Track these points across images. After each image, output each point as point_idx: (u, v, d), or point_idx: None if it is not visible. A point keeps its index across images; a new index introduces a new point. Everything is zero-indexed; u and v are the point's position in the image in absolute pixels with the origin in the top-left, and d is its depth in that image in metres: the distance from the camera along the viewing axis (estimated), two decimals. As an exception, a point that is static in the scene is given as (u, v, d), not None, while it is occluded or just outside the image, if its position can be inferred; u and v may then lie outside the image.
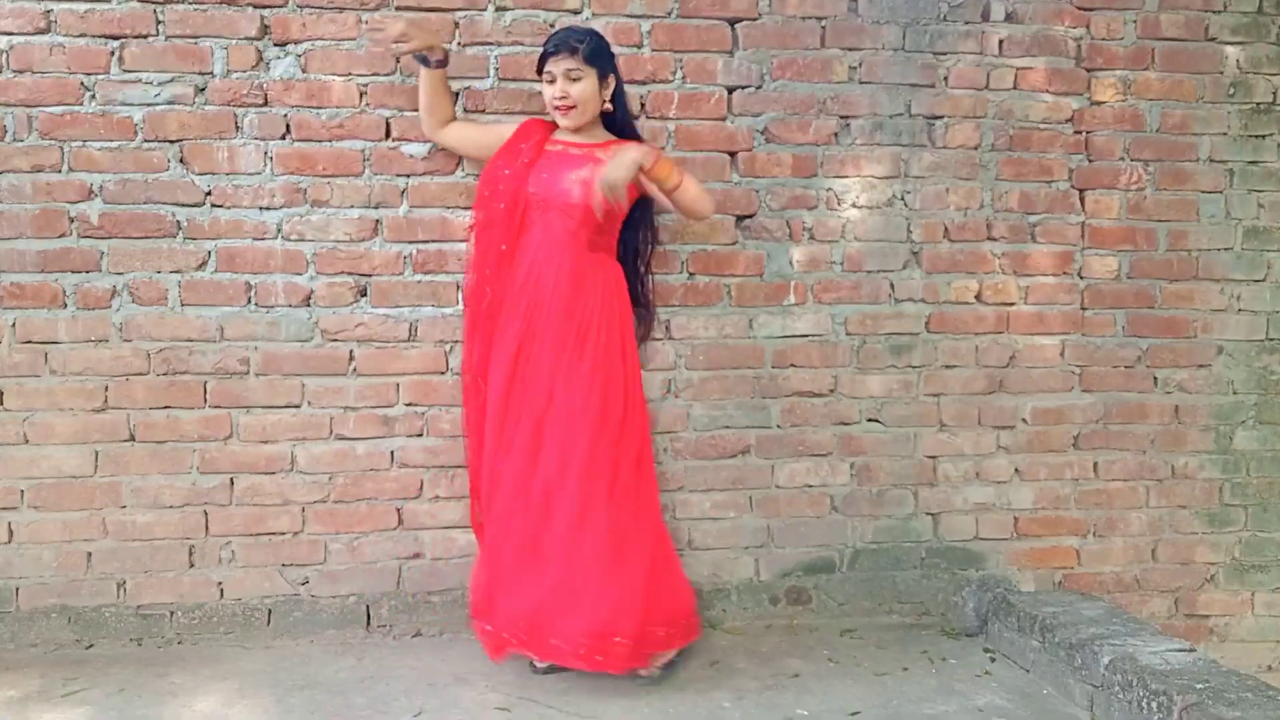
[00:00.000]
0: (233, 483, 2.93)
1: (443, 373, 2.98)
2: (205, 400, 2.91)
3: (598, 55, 2.69)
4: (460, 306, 2.96)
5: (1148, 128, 3.24)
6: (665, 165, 2.66)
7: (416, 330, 2.97)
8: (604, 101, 2.74)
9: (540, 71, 2.73)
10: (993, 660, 2.91)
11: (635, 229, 2.88)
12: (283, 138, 2.89)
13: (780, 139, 3.08)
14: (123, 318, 2.87)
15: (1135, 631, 2.71)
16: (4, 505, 2.85)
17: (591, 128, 2.77)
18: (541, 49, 2.73)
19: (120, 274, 2.87)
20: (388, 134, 2.93)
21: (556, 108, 2.71)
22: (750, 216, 3.09)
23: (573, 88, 2.68)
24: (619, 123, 2.81)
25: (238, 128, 2.88)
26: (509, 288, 2.73)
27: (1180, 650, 2.56)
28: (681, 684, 2.62)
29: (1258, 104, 3.26)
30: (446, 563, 2.99)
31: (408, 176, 2.95)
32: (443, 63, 2.80)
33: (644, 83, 3.00)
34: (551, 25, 2.94)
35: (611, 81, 2.75)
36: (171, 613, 2.91)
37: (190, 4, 2.82)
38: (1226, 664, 2.56)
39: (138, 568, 2.90)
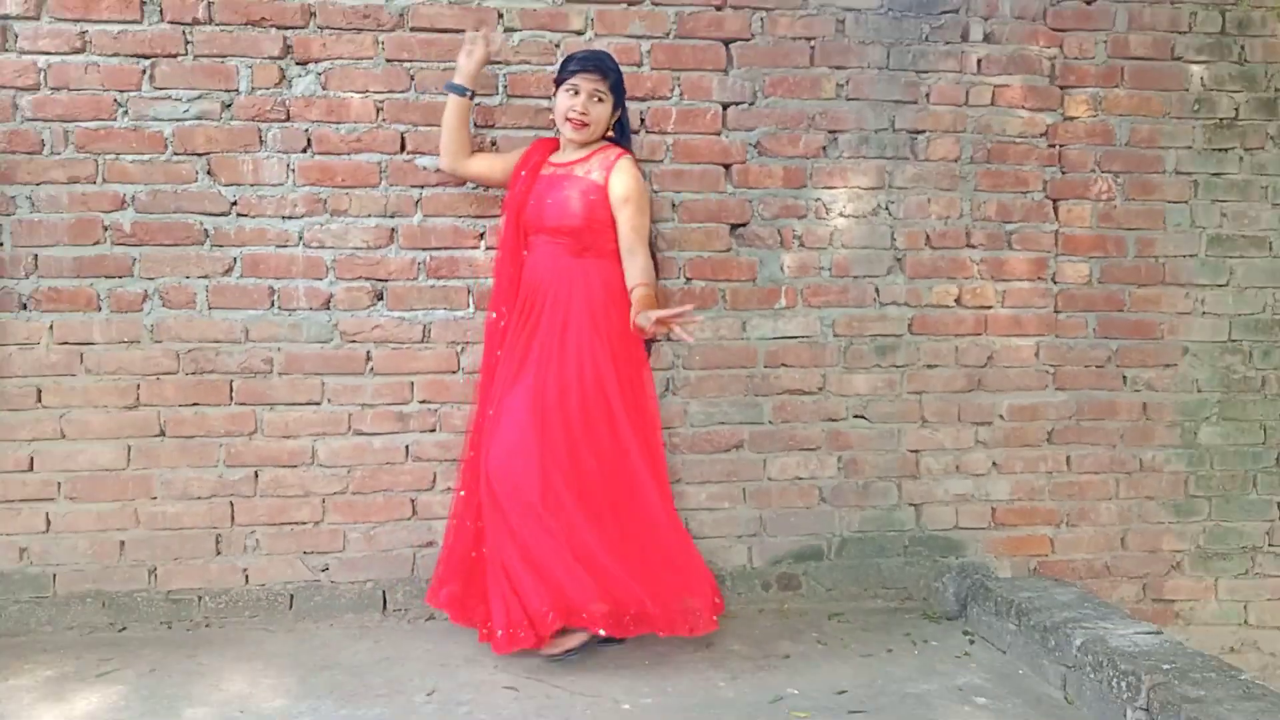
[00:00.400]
0: (257, 475, 2.93)
1: (454, 372, 2.99)
2: (231, 398, 2.91)
3: (619, 88, 2.73)
4: (470, 310, 2.98)
5: (1117, 142, 3.24)
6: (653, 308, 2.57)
7: (430, 332, 2.98)
8: (607, 130, 2.75)
9: (561, 81, 2.70)
10: (972, 642, 2.92)
11: None
12: (304, 151, 2.90)
13: (772, 152, 3.09)
14: (154, 320, 2.88)
15: (1106, 615, 2.72)
16: (42, 497, 2.85)
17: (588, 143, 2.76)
18: (571, 59, 2.70)
19: (151, 279, 2.87)
20: (403, 147, 2.94)
21: (569, 120, 2.68)
22: (744, 225, 3.10)
23: (594, 107, 2.67)
24: (618, 144, 2.79)
25: (262, 142, 2.89)
26: (517, 312, 2.73)
27: (1148, 633, 2.57)
28: (679, 665, 2.62)
29: (1220, 119, 3.28)
30: (458, 550, 2.97)
31: (421, 188, 2.95)
32: (473, 95, 2.82)
33: (644, 99, 3.01)
34: (557, 45, 2.96)
35: (618, 114, 2.76)
36: (200, 598, 2.91)
37: (217, 25, 2.83)
38: (1191, 646, 2.58)
39: (168, 555, 2.91)
